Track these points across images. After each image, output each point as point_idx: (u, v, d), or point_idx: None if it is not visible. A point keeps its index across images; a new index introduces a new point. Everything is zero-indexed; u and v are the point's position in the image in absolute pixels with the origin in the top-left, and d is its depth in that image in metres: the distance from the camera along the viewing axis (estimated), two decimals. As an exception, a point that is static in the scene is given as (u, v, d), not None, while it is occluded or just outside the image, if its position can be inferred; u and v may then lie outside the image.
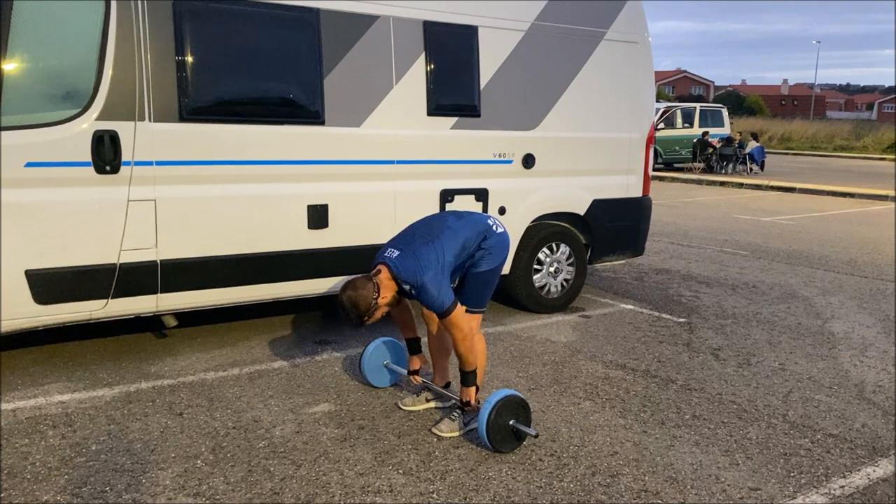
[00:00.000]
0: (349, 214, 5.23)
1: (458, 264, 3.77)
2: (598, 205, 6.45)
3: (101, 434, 3.73)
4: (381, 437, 3.82)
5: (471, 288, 3.88)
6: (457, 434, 3.83)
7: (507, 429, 3.62)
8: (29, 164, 4.14)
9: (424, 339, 4.46)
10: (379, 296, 3.57)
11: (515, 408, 3.66)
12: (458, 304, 3.64)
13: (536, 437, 3.65)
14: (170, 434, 3.76)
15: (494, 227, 3.88)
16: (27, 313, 4.28)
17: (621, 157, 6.61)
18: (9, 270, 4.16)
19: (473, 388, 3.78)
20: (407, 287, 3.62)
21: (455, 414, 3.89)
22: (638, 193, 6.75)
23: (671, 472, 3.55)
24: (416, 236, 3.72)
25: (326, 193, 5.08)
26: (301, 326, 5.68)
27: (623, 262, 7.58)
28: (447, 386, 4.22)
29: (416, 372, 4.15)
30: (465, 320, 3.66)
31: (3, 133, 4.05)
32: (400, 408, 4.16)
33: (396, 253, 3.65)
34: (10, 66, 4.08)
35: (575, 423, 4.06)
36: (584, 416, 4.16)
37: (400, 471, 3.47)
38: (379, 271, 3.64)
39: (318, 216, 5.07)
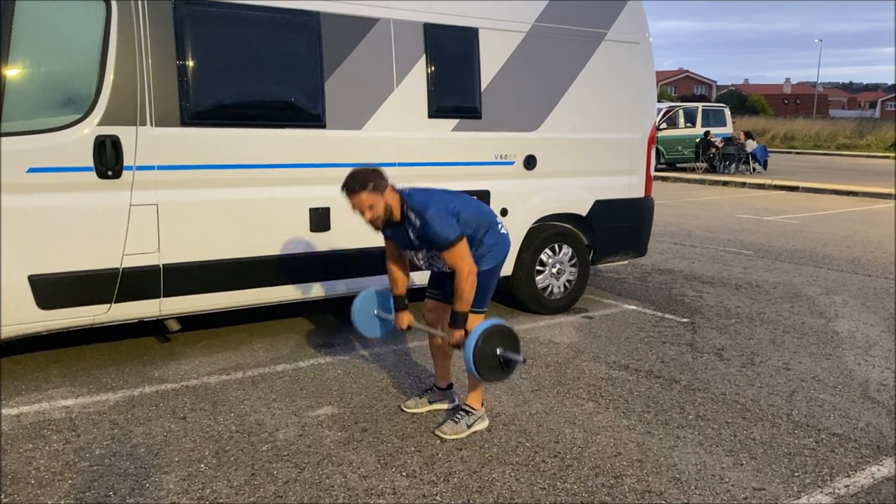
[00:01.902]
0: (351, 217, 5.21)
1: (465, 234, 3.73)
2: (600, 206, 6.45)
3: (105, 438, 3.74)
4: (385, 439, 3.82)
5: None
6: (461, 436, 3.82)
7: (495, 357, 3.54)
8: (31, 170, 4.15)
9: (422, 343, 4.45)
10: (382, 194, 3.54)
11: (503, 336, 3.57)
12: (464, 239, 3.59)
13: (524, 363, 3.58)
14: (173, 438, 3.77)
15: (500, 227, 3.89)
16: (30, 318, 4.29)
17: (623, 157, 6.60)
18: (12, 275, 4.17)
19: (462, 331, 3.69)
20: (412, 216, 3.56)
21: (459, 415, 3.89)
22: (640, 194, 6.75)
23: (675, 472, 3.54)
24: (432, 189, 3.77)
25: (328, 196, 5.09)
26: (304, 330, 5.68)
27: (626, 262, 7.57)
28: (450, 387, 4.22)
29: (408, 328, 4.04)
30: (469, 256, 3.62)
31: (6, 139, 4.07)
32: (403, 410, 4.16)
33: (410, 189, 3.70)
34: (13, 72, 4.09)
35: (578, 424, 4.06)
36: (588, 417, 4.16)
37: (403, 473, 3.46)
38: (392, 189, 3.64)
39: (319, 219, 5.08)
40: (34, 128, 4.17)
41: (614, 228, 6.60)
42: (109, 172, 4.35)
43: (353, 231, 5.23)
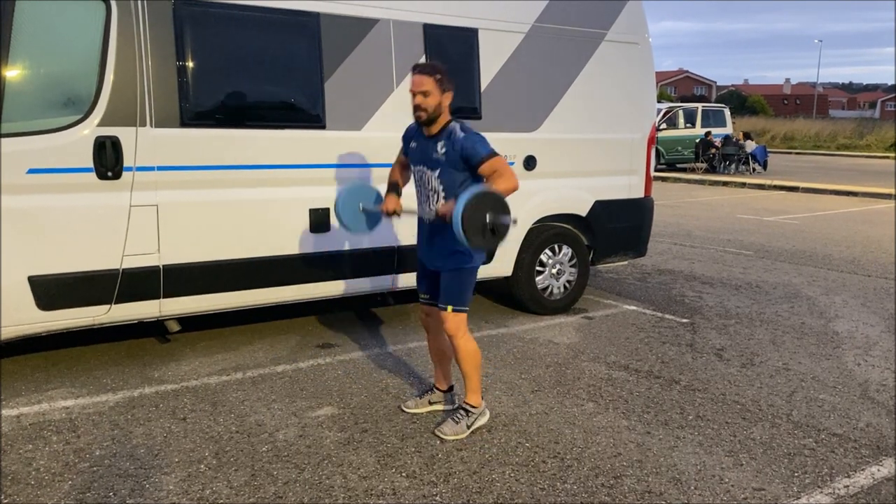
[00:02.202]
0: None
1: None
2: (600, 206, 6.45)
3: (105, 439, 3.74)
4: (385, 439, 3.82)
5: (451, 285, 3.82)
6: (462, 436, 3.82)
7: (484, 224, 3.45)
8: (31, 171, 4.15)
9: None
10: (442, 93, 3.63)
11: (491, 201, 3.47)
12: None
13: (515, 223, 3.51)
14: (173, 439, 3.77)
15: None
16: (30, 319, 4.29)
17: (623, 158, 6.61)
18: (12, 276, 4.17)
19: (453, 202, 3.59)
20: (457, 129, 3.63)
21: (458, 415, 3.89)
22: (640, 194, 6.75)
23: (675, 472, 3.54)
24: None
25: (328, 197, 5.08)
26: (303, 330, 5.68)
27: (626, 263, 7.57)
28: (451, 389, 4.22)
29: (394, 213, 3.97)
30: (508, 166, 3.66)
31: (6, 140, 4.07)
32: (403, 410, 4.16)
33: None
34: (12, 73, 4.09)
35: (578, 425, 4.06)
36: (588, 418, 4.16)
37: (403, 474, 3.46)
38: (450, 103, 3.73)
39: (319, 220, 5.08)
40: (34, 129, 4.17)
41: (614, 229, 6.60)
42: (109, 173, 4.35)
43: (351, 237, 5.24)
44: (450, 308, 3.79)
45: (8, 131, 4.07)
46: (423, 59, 5.43)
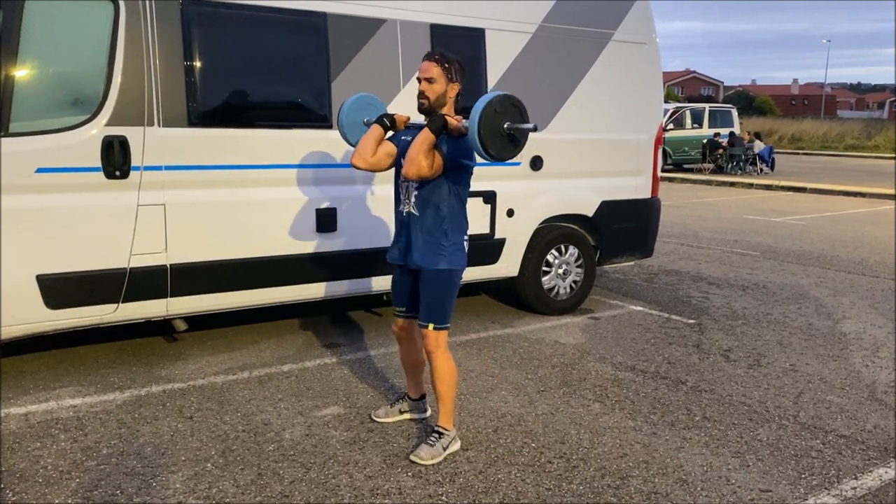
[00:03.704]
0: (357, 218, 5.24)
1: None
2: (606, 206, 6.44)
3: (112, 438, 3.75)
4: (391, 439, 3.82)
5: (432, 297, 3.64)
6: (438, 460, 3.58)
7: (503, 133, 3.31)
8: (39, 170, 4.17)
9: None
10: (448, 83, 3.54)
11: (509, 107, 3.33)
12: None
13: (535, 129, 3.36)
14: (180, 437, 3.78)
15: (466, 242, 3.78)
16: (38, 318, 4.31)
17: (629, 158, 6.60)
18: (20, 275, 4.19)
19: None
20: (463, 123, 3.44)
21: (432, 439, 3.66)
22: (647, 195, 6.73)
23: (681, 473, 3.54)
24: None
25: (334, 197, 5.10)
26: (310, 330, 5.69)
27: (632, 263, 7.56)
28: (423, 398, 4.10)
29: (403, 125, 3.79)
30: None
31: (15, 139, 4.09)
32: (372, 419, 4.06)
33: None
34: (21, 73, 4.11)
35: (584, 426, 4.05)
36: (594, 419, 4.15)
37: (409, 473, 3.47)
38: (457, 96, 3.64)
39: (326, 220, 5.09)
40: (42, 128, 4.19)
41: (620, 229, 6.59)
42: (117, 173, 4.36)
43: (359, 232, 5.25)
44: (431, 326, 3.62)
45: (17, 130, 4.09)
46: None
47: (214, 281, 4.79)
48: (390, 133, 3.77)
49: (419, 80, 3.58)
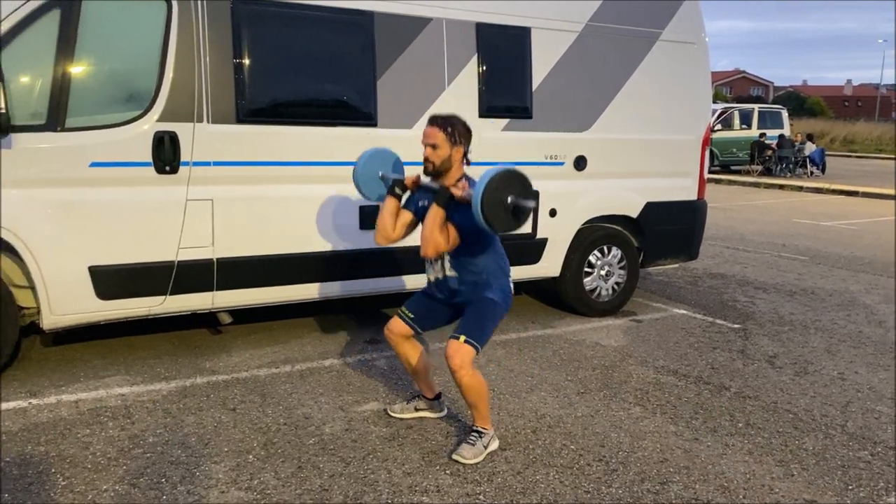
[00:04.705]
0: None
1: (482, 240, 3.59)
2: (651, 208, 6.36)
3: (158, 427, 3.84)
4: (429, 437, 3.84)
5: (476, 313, 3.63)
6: (480, 458, 3.59)
7: (505, 206, 3.27)
8: (93, 164, 4.29)
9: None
10: (452, 146, 3.54)
11: (513, 181, 3.30)
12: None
13: (536, 206, 3.31)
14: (223, 428, 3.85)
15: (510, 280, 3.77)
16: (90, 308, 4.43)
17: (676, 159, 6.51)
18: (73, 266, 4.31)
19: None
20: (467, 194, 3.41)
21: (473, 438, 3.66)
22: (693, 196, 6.64)
23: (723, 480, 3.48)
24: None
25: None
26: (352, 326, 5.75)
27: (676, 266, 7.46)
28: (438, 397, 4.08)
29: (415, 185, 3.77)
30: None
31: (71, 134, 4.21)
32: (389, 415, 4.07)
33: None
34: (78, 70, 4.23)
35: (624, 429, 4.02)
36: (634, 422, 4.11)
37: (447, 471, 3.48)
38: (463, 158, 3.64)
39: (369, 217, 5.12)
40: (97, 123, 4.30)
41: (665, 231, 6.51)
42: (167, 168, 4.46)
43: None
44: (462, 338, 3.52)
45: (72, 126, 4.22)
46: (475, 59, 5.43)
47: (259, 275, 4.87)
48: (406, 197, 3.79)
49: (423, 144, 3.60)
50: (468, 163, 3.67)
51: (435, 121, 3.60)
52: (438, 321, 3.90)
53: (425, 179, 3.72)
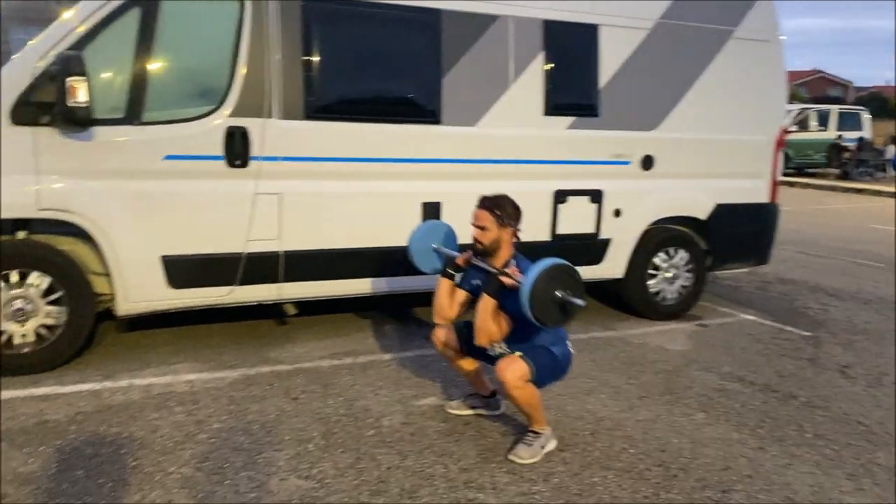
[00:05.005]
0: (461, 213, 5.26)
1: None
2: (721, 210, 6.21)
3: (223, 413, 3.95)
4: (486, 434, 3.84)
5: (539, 341, 3.62)
6: (537, 458, 3.57)
7: (554, 300, 3.25)
8: (167, 157, 4.43)
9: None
10: (500, 228, 3.58)
11: (564, 276, 3.28)
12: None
13: (584, 307, 3.28)
14: (285, 417, 3.94)
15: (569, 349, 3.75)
16: (162, 296, 4.59)
17: (748, 160, 6.33)
18: (147, 256, 4.48)
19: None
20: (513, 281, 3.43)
21: (529, 438, 3.65)
22: (765, 199, 6.44)
23: (788, 491, 3.38)
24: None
25: (440, 191, 5.15)
26: (412, 321, 5.79)
27: (746, 270, 7.25)
28: (493, 395, 4.06)
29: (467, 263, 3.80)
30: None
31: (147, 128, 4.37)
32: (446, 410, 4.09)
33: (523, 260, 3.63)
34: (155, 66, 4.39)
35: (686, 435, 3.93)
36: (697, 428, 4.02)
37: (504, 469, 3.47)
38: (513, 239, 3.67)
39: (431, 214, 5.15)
40: (171, 118, 4.45)
41: (735, 234, 6.34)
42: (237, 162, 4.58)
43: (463, 226, 5.28)
44: (518, 353, 3.50)
45: (149, 120, 4.37)
46: (541, 56, 5.40)
47: (323, 269, 4.96)
48: (458, 277, 3.84)
49: (472, 225, 3.64)
50: (519, 240, 3.70)
51: (484, 203, 3.64)
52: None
53: (475, 260, 3.75)
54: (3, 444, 3.49)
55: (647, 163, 5.87)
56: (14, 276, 4.27)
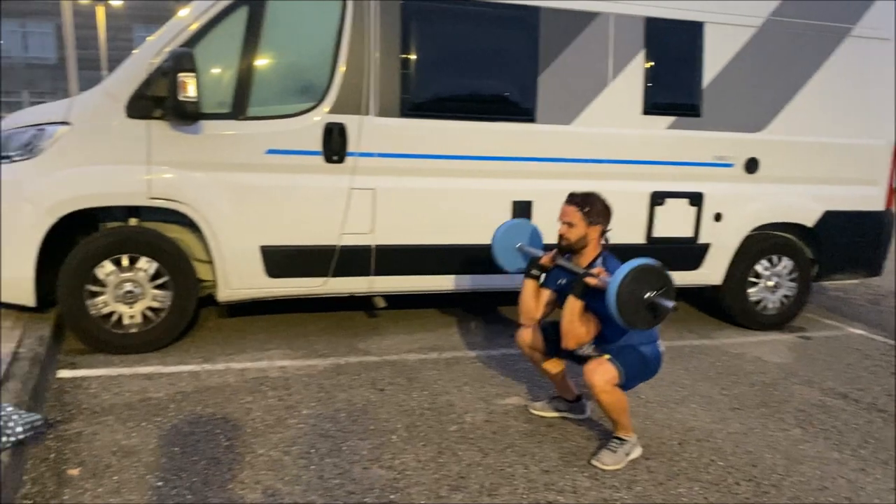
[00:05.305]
0: (552, 212, 5.21)
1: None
2: (830, 217, 5.89)
3: (312, 400, 4.07)
4: (569, 437, 3.79)
5: (626, 340, 3.55)
6: (621, 465, 3.50)
7: (642, 301, 3.14)
8: (269, 152, 4.60)
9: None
10: (588, 226, 3.53)
11: (654, 277, 3.17)
12: None
13: (675, 310, 3.17)
14: (371, 407, 4.02)
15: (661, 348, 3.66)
16: (260, 284, 4.77)
17: (862, 165, 5.98)
18: (247, 245, 4.66)
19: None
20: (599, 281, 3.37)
21: (614, 444, 3.56)
22: (879, 207, 6.07)
23: (891, 518, 3.18)
24: None
25: (532, 190, 5.12)
26: (498, 319, 5.79)
27: (856, 282, 6.85)
28: (579, 399, 3.99)
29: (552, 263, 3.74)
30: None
31: (251, 122, 4.55)
32: (529, 411, 4.04)
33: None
34: (261, 63, 4.56)
35: (780, 451, 3.76)
36: (792, 444, 3.84)
37: (585, 473, 3.42)
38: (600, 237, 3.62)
39: (522, 212, 5.12)
40: (274, 113, 4.61)
41: (845, 243, 6.00)
42: (335, 157, 4.70)
43: (552, 225, 5.23)
44: (607, 357, 3.45)
45: (252, 115, 4.55)
46: (641, 54, 5.27)
47: (414, 264, 5.02)
48: (543, 277, 3.78)
49: (560, 221, 3.58)
50: (607, 241, 3.63)
51: (573, 199, 3.58)
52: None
53: (561, 261, 3.69)
54: (107, 417, 3.72)
55: (752, 166, 5.63)
56: (125, 261, 4.54)
